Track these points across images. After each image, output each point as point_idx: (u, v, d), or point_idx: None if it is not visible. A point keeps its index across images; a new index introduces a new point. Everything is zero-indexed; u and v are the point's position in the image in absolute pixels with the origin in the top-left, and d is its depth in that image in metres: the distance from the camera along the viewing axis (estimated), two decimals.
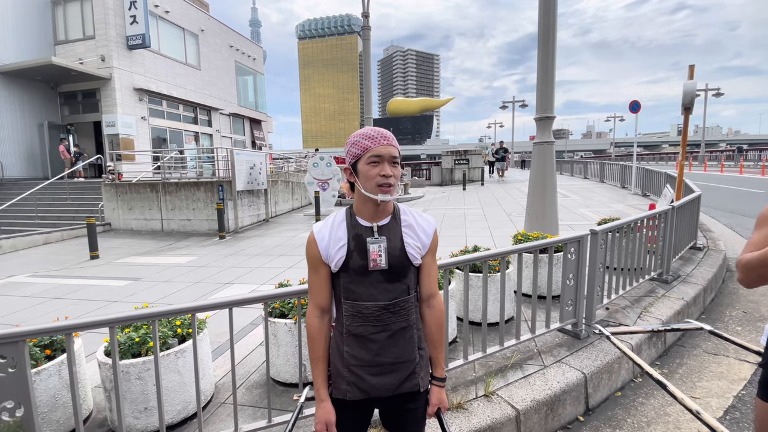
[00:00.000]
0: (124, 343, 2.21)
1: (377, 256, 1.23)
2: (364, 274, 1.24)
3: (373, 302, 1.23)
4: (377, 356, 1.25)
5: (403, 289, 1.26)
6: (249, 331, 3.70)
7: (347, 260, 1.24)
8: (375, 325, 1.24)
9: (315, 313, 1.31)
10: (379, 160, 1.21)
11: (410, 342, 1.28)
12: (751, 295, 4.50)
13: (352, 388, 1.26)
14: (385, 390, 1.26)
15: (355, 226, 1.26)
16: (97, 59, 15.69)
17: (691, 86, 4.94)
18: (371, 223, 1.26)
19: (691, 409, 1.16)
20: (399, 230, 1.28)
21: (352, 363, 1.26)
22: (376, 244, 1.23)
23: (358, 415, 1.32)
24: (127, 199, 11.28)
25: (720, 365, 3.10)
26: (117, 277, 6.23)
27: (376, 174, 1.20)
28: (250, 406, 2.46)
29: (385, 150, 1.21)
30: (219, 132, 21.81)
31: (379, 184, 1.20)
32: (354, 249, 1.24)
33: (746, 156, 29.29)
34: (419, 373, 1.29)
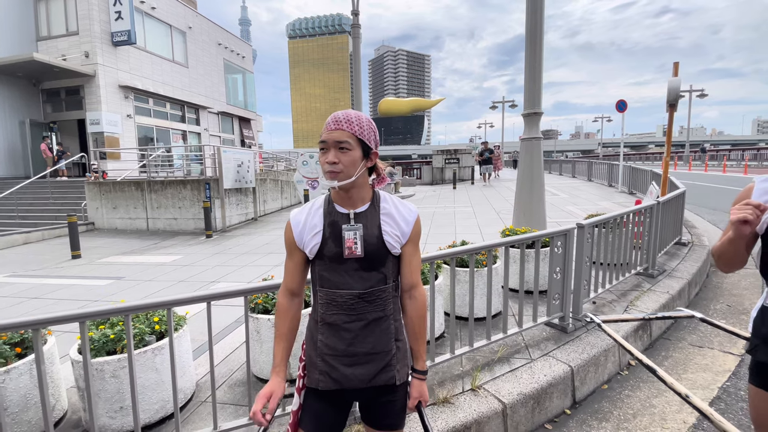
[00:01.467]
0: (98, 340, 2.13)
1: (352, 243, 1.19)
2: (339, 262, 1.20)
3: (348, 290, 1.20)
4: (351, 346, 1.21)
5: (380, 278, 1.23)
6: (234, 328, 3.62)
7: (322, 247, 1.21)
8: (349, 313, 1.21)
9: (284, 294, 1.31)
10: (325, 147, 1.19)
11: (386, 333, 1.24)
12: (735, 289, 4.57)
13: (325, 378, 1.22)
14: (359, 381, 1.22)
15: (332, 213, 1.24)
16: (80, 56, 15.35)
17: (675, 83, 5.00)
18: (348, 210, 1.23)
19: (681, 393, 1.15)
20: (377, 218, 1.24)
21: (325, 352, 1.23)
22: (351, 232, 1.20)
23: (336, 408, 1.28)
24: (111, 197, 11.04)
25: (705, 357, 3.12)
26: (99, 277, 6.08)
27: (323, 161, 1.19)
28: (232, 404, 2.39)
29: (329, 136, 1.18)
30: (207, 131, 21.52)
31: (326, 170, 1.18)
32: (329, 236, 1.21)
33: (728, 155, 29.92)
34: (395, 365, 1.25)
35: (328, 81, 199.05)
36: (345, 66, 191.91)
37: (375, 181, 1.32)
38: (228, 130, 24.03)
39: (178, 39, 19.57)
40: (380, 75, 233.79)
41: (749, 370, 1.32)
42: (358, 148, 1.19)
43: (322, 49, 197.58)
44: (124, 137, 16.36)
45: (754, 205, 1.13)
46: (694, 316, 1.55)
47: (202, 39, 21.29)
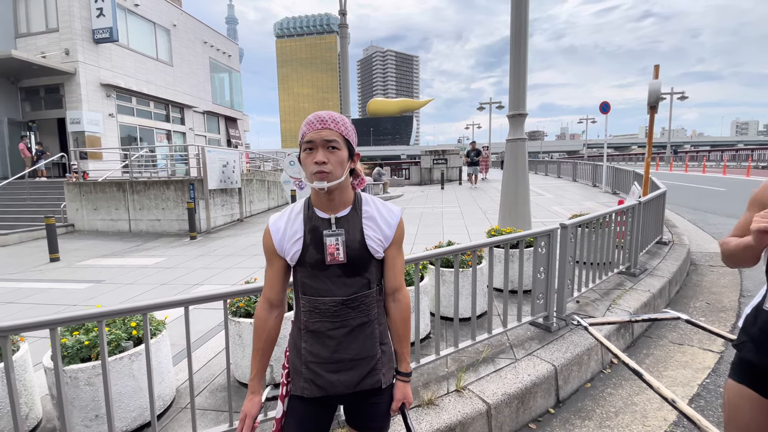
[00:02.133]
0: (72, 347, 2.06)
1: (335, 249, 1.16)
2: (321, 269, 1.17)
3: (331, 297, 1.18)
4: (335, 353, 1.19)
5: (364, 283, 1.21)
6: (217, 332, 3.55)
7: (303, 254, 1.18)
8: (333, 320, 1.18)
9: (263, 306, 1.27)
10: (312, 146, 1.15)
11: (371, 337, 1.22)
12: (714, 287, 4.68)
13: (310, 386, 1.20)
14: (345, 387, 1.20)
15: (312, 218, 1.20)
16: (60, 53, 14.94)
17: (656, 85, 5.09)
18: (329, 215, 1.20)
19: (667, 397, 1.15)
20: (359, 222, 1.21)
21: (309, 360, 1.20)
22: (333, 237, 1.17)
23: (320, 413, 1.26)
24: (92, 198, 10.77)
25: (685, 355, 3.18)
26: (77, 280, 5.91)
27: (310, 161, 1.14)
28: (213, 410, 2.34)
29: (317, 135, 1.14)
30: (193, 130, 21.18)
31: (312, 171, 1.14)
32: (310, 243, 1.18)
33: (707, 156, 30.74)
34: (381, 369, 1.24)
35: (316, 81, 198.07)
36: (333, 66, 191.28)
37: (355, 183, 1.29)
38: (214, 129, 23.69)
39: (162, 37, 19.22)
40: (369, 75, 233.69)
41: (731, 365, 1.33)
42: (345, 149, 1.17)
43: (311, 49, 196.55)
44: (106, 137, 15.98)
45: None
46: (680, 318, 1.56)
47: (188, 37, 20.94)
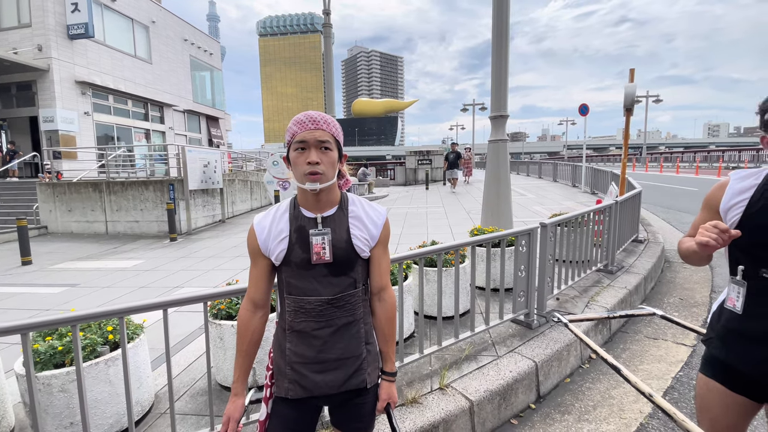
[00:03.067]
0: (45, 353, 1.99)
1: (321, 249, 1.16)
2: (306, 268, 1.17)
3: (316, 297, 1.17)
4: (320, 353, 1.18)
5: (350, 282, 1.21)
6: (197, 335, 3.48)
7: (288, 253, 1.17)
8: (318, 320, 1.18)
9: (247, 307, 1.25)
10: (304, 146, 1.15)
11: (356, 337, 1.22)
12: (687, 283, 4.85)
13: (295, 386, 1.19)
14: (329, 388, 1.20)
15: (298, 217, 1.20)
16: (33, 49, 14.40)
17: (631, 88, 5.25)
18: (315, 214, 1.19)
19: (644, 392, 1.19)
20: (346, 221, 1.22)
21: (294, 360, 1.19)
22: (319, 237, 1.17)
23: (305, 415, 1.25)
24: (66, 200, 10.41)
25: (659, 349, 3.29)
26: (51, 284, 5.71)
27: (302, 161, 1.14)
28: (194, 415, 2.30)
29: (310, 135, 1.14)
30: (173, 129, 20.71)
31: (305, 172, 1.13)
32: (296, 242, 1.17)
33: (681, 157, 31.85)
34: (366, 369, 1.24)
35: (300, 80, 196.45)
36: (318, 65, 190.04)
37: (341, 183, 1.30)
38: (195, 128, 23.22)
39: (140, 33, 18.73)
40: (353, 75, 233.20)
41: (702, 360, 1.39)
42: (336, 150, 1.18)
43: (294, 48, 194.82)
44: (81, 136, 15.48)
45: (721, 230, 1.10)
46: (655, 314, 1.63)
47: (167, 34, 20.48)
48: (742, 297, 1.21)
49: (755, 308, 1.18)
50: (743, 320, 1.21)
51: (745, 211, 1.19)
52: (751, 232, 1.17)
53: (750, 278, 1.19)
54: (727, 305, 1.26)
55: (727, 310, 1.26)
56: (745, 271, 1.20)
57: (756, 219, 1.16)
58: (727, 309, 1.27)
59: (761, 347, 1.17)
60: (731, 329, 1.25)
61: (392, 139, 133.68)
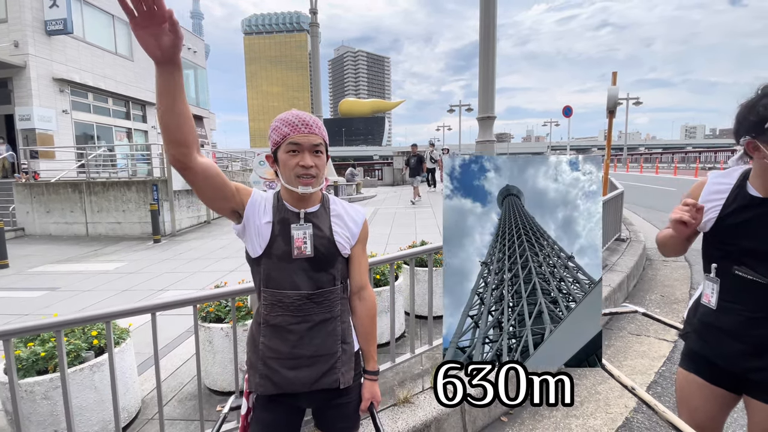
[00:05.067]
0: (27, 359, 1.93)
1: (302, 243, 1.17)
2: (287, 261, 1.17)
3: (295, 291, 1.17)
4: (295, 348, 1.17)
5: (329, 279, 1.22)
6: (185, 338, 3.43)
7: (270, 245, 1.16)
8: (295, 315, 1.17)
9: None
10: (298, 149, 1.15)
11: (332, 335, 1.22)
12: (667, 281, 4.99)
13: (265, 382, 1.17)
14: (301, 385, 1.18)
15: (281, 209, 1.20)
16: (9, 45, 13.90)
17: (614, 91, 5.38)
18: (298, 209, 1.20)
19: (627, 386, 1.23)
20: (328, 219, 1.24)
21: (267, 355, 1.18)
22: (300, 231, 1.18)
23: (288, 417, 1.24)
24: (44, 200, 10.09)
25: (642, 345, 3.38)
26: (29, 288, 5.53)
27: (295, 164, 1.14)
28: (182, 420, 2.26)
29: (305, 139, 1.14)
30: (155, 128, 20.28)
31: (298, 175, 1.14)
32: (278, 233, 1.17)
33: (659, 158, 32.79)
34: (340, 368, 1.22)
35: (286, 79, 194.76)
36: (304, 65, 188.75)
37: None
38: None
39: (121, 30, 18.29)
40: (340, 75, 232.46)
41: (681, 355, 1.44)
42: (325, 152, 1.21)
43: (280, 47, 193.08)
44: (59, 134, 15.02)
45: (691, 205, 1.17)
46: (637, 311, 1.68)
47: None
48: (716, 293, 1.26)
49: (728, 303, 1.24)
50: (717, 315, 1.26)
51: (721, 211, 1.24)
52: (726, 230, 1.23)
53: (723, 275, 1.25)
54: (703, 301, 1.32)
55: (703, 305, 1.32)
56: (719, 269, 1.26)
57: (730, 218, 1.22)
58: (702, 304, 1.32)
59: (735, 341, 1.22)
60: (706, 324, 1.31)
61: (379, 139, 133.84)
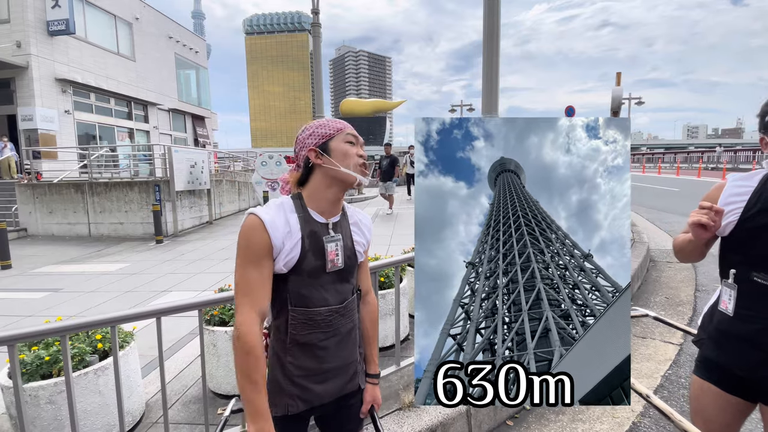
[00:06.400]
0: (31, 363, 1.92)
1: (335, 255, 1.12)
2: (316, 276, 1.11)
3: (326, 307, 1.12)
4: (323, 363, 1.15)
5: (350, 289, 1.21)
6: (187, 341, 3.42)
7: (300, 260, 1.08)
8: (326, 330, 1.13)
9: (255, 321, 1.04)
10: (355, 141, 1.17)
11: (354, 342, 1.23)
12: (672, 282, 4.97)
13: (295, 401, 1.12)
14: (329, 396, 1.17)
15: (309, 221, 1.11)
16: (11, 45, 13.93)
17: (618, 92, 5.36)
18: (326, 219, 1.15)
19: (642, 393, 1.20)
20: (348, 227, 1.22)
21: (296, 374, 1.12)
22: (333, 243, 1.13)
23: (298, 427, 1.22)
24: (46, 201, 10.10)
25: (648, 347, 3.36)
26: (32, 289, 5.53)
27: (354, 153, 1.14)
28: (186, 424, 2.25)
29: (358, 135, 1.19)
30: (157, 129, 20.30)
31: (359, 163, 1.15)
32: (309, 248, 1.09)
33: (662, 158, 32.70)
34: (360, 372, 1.25)
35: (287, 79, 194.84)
36: (305, 65, 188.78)
37: None
38: (180, 128, 22.82)
39: (123, 30, 18.31)
40: (341, 75, 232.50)
41: (695, 362, 1.40)
42: None
43: (281, 47, 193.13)
44: (61, 135, 15.04)
45: (709, 208, 1.13)
46: (647, 315, 1.65)
47: (151, 31, 20.07)
48: (734, 299, 1.23)
49: (746, 311, 1.20)
50: (734, 322, 1.23)
51: (741, 214, 1.20)
52: (746, 235, 1.19)
53: (741, 281, 1.21)
54: (720, 308, 1.28)
55: (719, 312, 1.28)
56: (737, 275, 1.22)
57: (750, 222, 1.18)
58: (719, 311, 1.29)
59: (753, 349, 1.19)
60: (723, 331, 1.27)
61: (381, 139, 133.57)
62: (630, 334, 1.02)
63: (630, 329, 1.03)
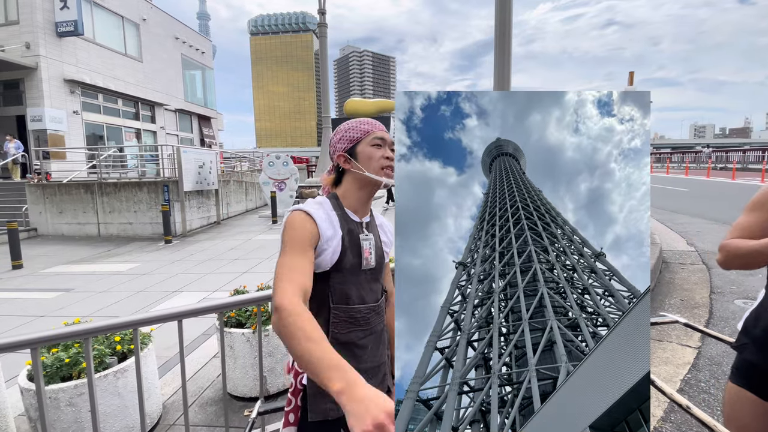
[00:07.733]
0: (51, 366, 1.92)
1: (369, 254, 1.16)
2: (354, 274, 1.14)
3: (364, 304, 1.15)
4: (362, 363, 1.14)
5: (381, 288, 1.23)
6: (201, 342, 3.42)
7: (341, 257, 1.10)
8: (364, 329, 1.15)
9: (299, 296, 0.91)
10: (382, 143, 1.16)
11: (385, 343, 1.24)
12: (686, 284, 4.90)
13: (336, 406, 1.06)
14: None
15: (347, 219, 1.15)
16: (21, 47, 14.07)
17: None
18: (360, 218, 1.19)
19: (681, 404, 1.16)
20: (376, 228, 1.26)
21: None
22: (367, 241, 1.17)
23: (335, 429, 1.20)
24: (56, 201, 10.18)
25: (665, 351, 3.31)
26: (44, 289, 5.57)
27: (380, 156, 1.14)
28: (205, 426, 2.24)
29: (386, 135, 1.18)
30: (164, 129, 20.43)
31: (383, 166, 1.14)
32: (348, 245, 1.12)
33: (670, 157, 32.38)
34: (388, 373, 1.26)
35: (291, 80, 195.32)
36: (309, 65, 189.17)
37: None
38: (186, 128, 22.94)
39: (130, 31, 18.43)
40: (345, 75, 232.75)
41: (732, 369, 1.35)
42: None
43: (286, 47, 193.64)
44: (70, 135, 15.18)
45: None
46: (677, 322, 1.60)
47: (158, 32, 20.18)
48: None
49: None
50: None
51: None
52: None
53: None
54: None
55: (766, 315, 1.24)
56: None
57: None
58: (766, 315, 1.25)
59: None
60: None
61: None
62: (649, 347, 0.89)
63: (649, 341, 0.86)
